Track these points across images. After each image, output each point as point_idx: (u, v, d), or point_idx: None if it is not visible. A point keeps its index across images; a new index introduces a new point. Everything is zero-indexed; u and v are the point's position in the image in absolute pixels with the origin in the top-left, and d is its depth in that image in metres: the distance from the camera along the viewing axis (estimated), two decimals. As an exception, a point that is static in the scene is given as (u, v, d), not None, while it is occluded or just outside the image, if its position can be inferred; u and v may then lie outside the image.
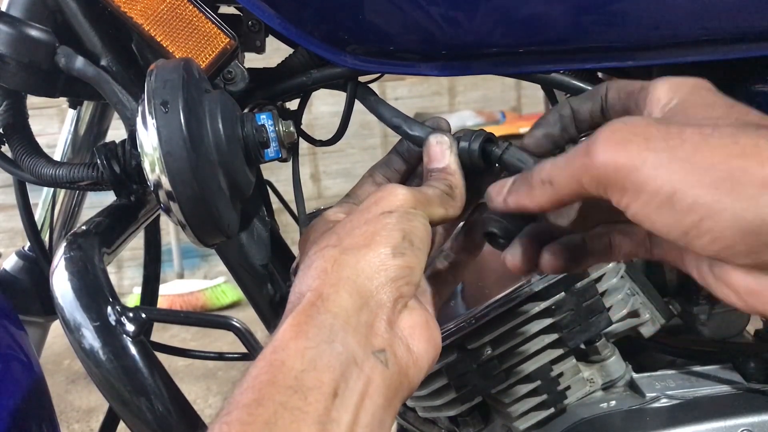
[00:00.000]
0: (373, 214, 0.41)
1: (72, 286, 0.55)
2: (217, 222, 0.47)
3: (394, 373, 0.37)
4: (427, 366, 0.40)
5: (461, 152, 0.47)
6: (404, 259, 0.39)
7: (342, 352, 0.35)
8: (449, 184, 0.45)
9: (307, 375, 0.34)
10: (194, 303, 3.14)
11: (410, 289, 0.40)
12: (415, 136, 0.52)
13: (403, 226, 0.40)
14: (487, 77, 0.62)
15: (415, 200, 0.42)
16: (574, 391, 0.66)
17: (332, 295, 0.37)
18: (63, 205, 0.90)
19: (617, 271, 0.67)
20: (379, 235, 0.39)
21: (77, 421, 2.34)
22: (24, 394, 0.63)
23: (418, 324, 0.40)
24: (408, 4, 0.54)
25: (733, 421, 0.59)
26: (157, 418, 0.54)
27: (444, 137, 0.47)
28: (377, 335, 0.37)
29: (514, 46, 0.57)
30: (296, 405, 0.33)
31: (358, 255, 0.39)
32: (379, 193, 0.43)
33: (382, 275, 0.38)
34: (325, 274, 0.38)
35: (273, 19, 0.56)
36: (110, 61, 0.60)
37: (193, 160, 0.44)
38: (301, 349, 0.35)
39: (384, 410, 0.36)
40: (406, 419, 0.75)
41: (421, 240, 0.41)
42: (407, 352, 0.39)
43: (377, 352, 0.37)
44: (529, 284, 0.63)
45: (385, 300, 0.38)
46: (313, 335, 0.35)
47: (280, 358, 0.35)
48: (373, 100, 0.58)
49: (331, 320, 0.36)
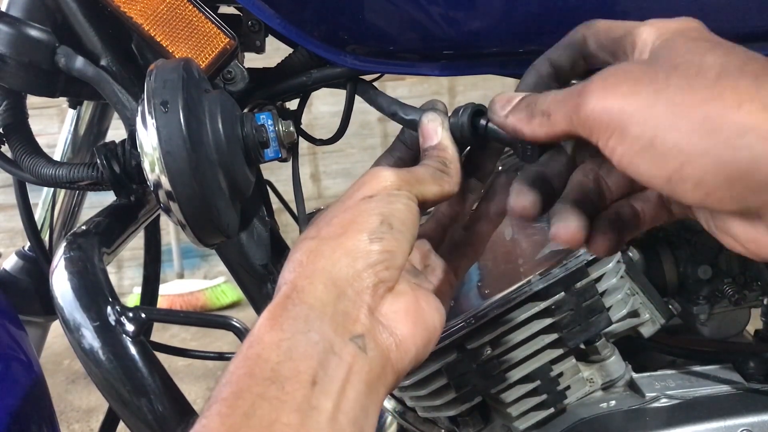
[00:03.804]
0: (353, 201, 0.41)
1: (72, 286, 0.55)
2: (217, 222, 0.47)
3: (375, 358, 0.37)
4: (414, 349, 0.39)
5: (453, 127, 0.46)
6: (382, 243, 0.38)
7: (318, 341, 0.35)
8: (442, 160, 0.44)
9: (284, 366, 0.34)
10: (194, 303, 3.14)
11: (392, 273, 0.39)
12: (410, 120, 0.51)
13: (382, 209, 0.39)
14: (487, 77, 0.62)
15: (399, 181, 0.41)
16: (573, 391, 0.66)
17: (307, 287, 0.37)
18: (63, 205, 0.90)
19: (617, 271, 0.67)
20: (356, 222, 0.39)
21: (77, 421, 2.34)
22: (24, 394, 0.63)
23: (403, 307, 0.39)
24: (408, 4, 0.54)
25: (733, 421, 0.59)
26: (157, 418, 0.54)
27: (435, 114, 0.46)
28: (356, 322, 0.37)
29: (514, 46, 0.57)
30: (274, 395, 0.33)
31: (334, 244, 0.38)
32: (362, 178, 0.42)
33: (360, 262, 0.38)
34: (300, 266, 0.38)
35: (273, 19, 0.56)
36: (110, 61, 0.60)
37: (192, 160, 0.44)
38: (276, 341, 0.35)
39: (367, 396, 0.36)
40: (406, 419, 0.75)
41: (403, 222, 0.40)
42: (389, 337, 0.38)
43: (355, 338, 0.36)
44: (529, 284, 0.63)
45: (364, 286, 0.38)
46: (287, 327, 0.35)
47: (256, 351, 0.35)
48: (372, 92, 0.58)
49: (306, 311, 0.36)
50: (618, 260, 0.68)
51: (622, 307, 0.68)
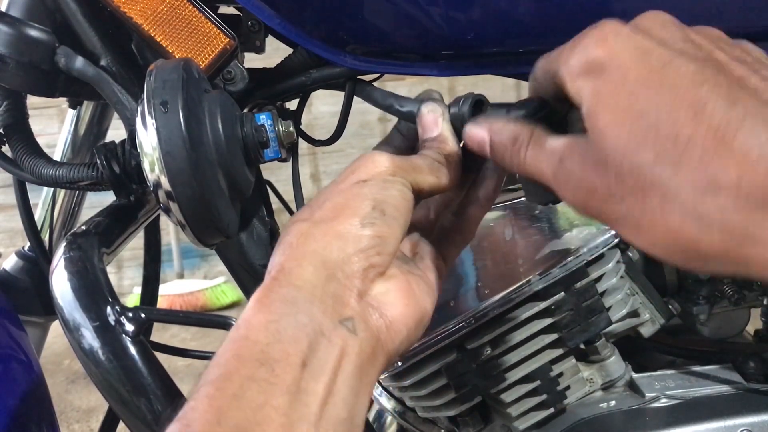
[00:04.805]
0: (346, 184, 0.40)
1: (72, 286, 0.55)
2: (216, 222, 0.47)
3: (365, 340, 0.36)
4: (405, 330, 0.39)
5: (453, 118, 0.45)
6: (374, 228, 0.38)
7: (307, 323, 0.35)
8: (442, 152, 0.44)
9: (273, 348, 0.33)
10: (194, 303, 3.14)
11: (383, 259, 0.39)
12: (407, 111, 0.51)
13: (375, 195, 0.39)
14: (487, 77, 0.62)
15: (395, 167, 0.41)
16: (573, 391, 0.66)
17: (295, 269, 0.37)
18: (63, 205, 0.90)
19: (617, 271, 0.67)
20: (349, 207, 0.39)
21: (77, 421, 2.34)
22: (24, 394, 0.63)
23: (393, 289, 0.39)
24: (408, 4, 0.54)
25: (733, 421, 0.59)
26: (157, 418, 0.54)
27: (435, 105, 0.46)
28: (346, 305, 0.37)
29: (514, 46, 0.57)
30: (263, 377, 0.32)
31: (326, 228, 0.38)
32: (357, 161, 0.42)
33: (350, 246, 0.38)
34: (290, 248, 0.38)
35: (273, 19, 0.56)
36: (110, 61, 0.59)
37: (192, 160, 0.44)
38: (264, 323, 0.34)
39: (357, 379, 0.36)
40: (406, 419, 0.75)
41: (396, 208, 0.40)
42: (380, 318, 0.38)
43: (344, 320, 0.36)
44: (529, 284, 0.63)
45: (354, 270, 0.38)
46: (275, 309, 0.35)
47: (243, 333, 0.34)
48: (367, 89, 0.58)
49: (294, 293, 0.36)
50: (618, 260, 0.68)
51: (622, 307, 0.68)
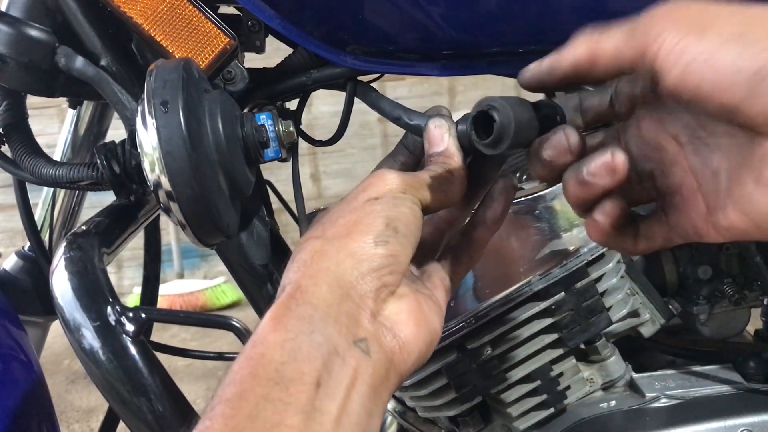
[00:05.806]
0: (359, 202, 0.40)
1: (72, 286, 0.55)
2: (217, 222, 0.47)
3: (378, 362, 0.37)
4: (417, 351, 0.39)
5: (460, 135, 0.46)
6: (387, 247, 0.38)
7: (322, 343, 0.35)
8: (447, 168, 0.44)
9: (288, 367, 0.33)
10: (194, 303, 3.14)
11: (395, 278, 0.39)
12: (415, 125, 0.51)
13: (388, 212, 0.39)
14: (487, 77, 0.62)
15: (405, 185, 0.41)
16: (573, 391, 0.66)
17: (311, 287, 0.37)
18: (63, 205, 0.90)
19: (617, 271, 0.67)
20: (362, 224, 0.39)
21: (77, 421, 2.34)
22: (24, 394, 0.63)
23: (405, 310, 0.39)
24: (408, 4, 0.54)
25: (733, 421, 0.59)
26: (157, 418, 0.54)
27: (442, 120, 0.46)
28: (360, 326, 0.37)
29: (514, 46, 0.57)
30: (278, 396, 0.32)
31: (339, 245, 0.38)
32: (368, 179, 0.42)
33: (365, 265, 0.38)
34: (305, 266, 0.38)
35: (273, 19, 0.56)
36: (110, 61, 0.59)
37: (192, 160, 0.44)
38: (281, 342, 0.34)
39: (371, 399, 0.36)
40: (406, 419, 0.75)
41: (407, 226, 0.40)
42: (393, 339, 0.38)
43: (359, 341, 0.36)
44: (529, 284, 0.63)
45: (367, 290, 0.38)
46: (292, 327, 0.35)
47: (259, 351, 0.34)
48: (374, 96, 0.58)
49: (311, 312, 0.36)
50: (618, 260, 0.68)
51: (622, 307, 0.68)
